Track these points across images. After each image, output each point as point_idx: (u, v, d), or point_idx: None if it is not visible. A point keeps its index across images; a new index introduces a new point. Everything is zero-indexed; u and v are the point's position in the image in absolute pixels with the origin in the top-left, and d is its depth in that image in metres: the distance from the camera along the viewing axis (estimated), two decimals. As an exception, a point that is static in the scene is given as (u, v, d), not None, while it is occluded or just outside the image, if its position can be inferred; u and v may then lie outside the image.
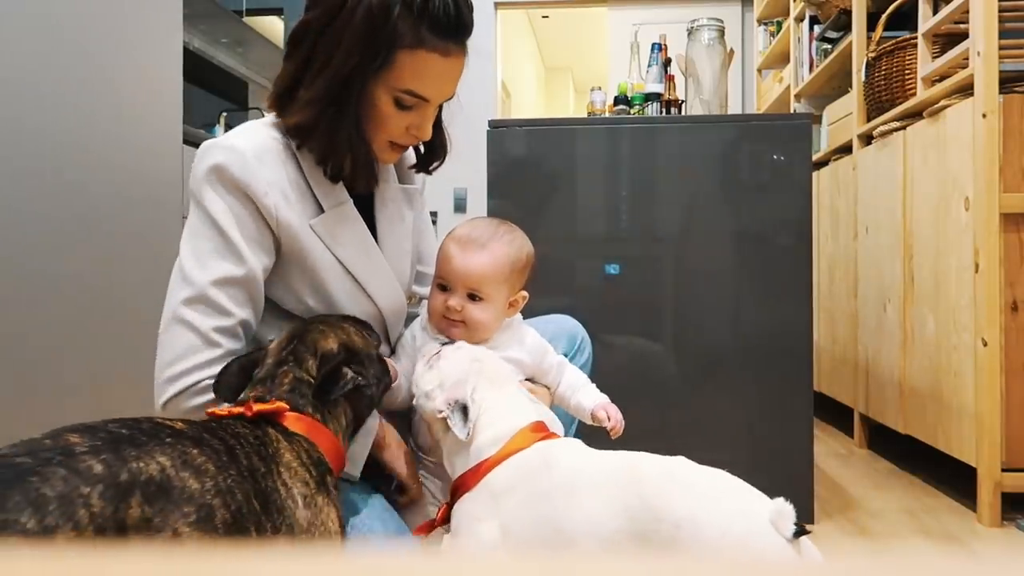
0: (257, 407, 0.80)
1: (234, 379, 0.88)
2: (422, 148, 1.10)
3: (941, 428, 1.93)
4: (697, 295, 1.83)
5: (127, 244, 1.72)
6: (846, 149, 2.67)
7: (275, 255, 0.98)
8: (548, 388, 1.14)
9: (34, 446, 0.60)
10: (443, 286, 1.08)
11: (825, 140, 2.95)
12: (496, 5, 4.49)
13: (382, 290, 1.06)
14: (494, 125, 1.88)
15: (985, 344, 1.73)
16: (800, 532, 0.72)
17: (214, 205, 0.92)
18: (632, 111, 2.39)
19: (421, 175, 1.18)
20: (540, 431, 0.90)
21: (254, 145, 0.95)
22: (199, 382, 0.89)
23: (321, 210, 1.00)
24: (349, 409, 0.90)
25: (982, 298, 1.74)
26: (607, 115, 2.61)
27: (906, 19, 2.22)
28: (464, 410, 0.90)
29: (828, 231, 2.85)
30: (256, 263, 0.94)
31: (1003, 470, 1.72)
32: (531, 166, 1.89)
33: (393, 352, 1.13)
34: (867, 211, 2.44)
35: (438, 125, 1.07)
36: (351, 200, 1.03)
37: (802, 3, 3.25)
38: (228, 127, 2.84)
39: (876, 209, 2.36)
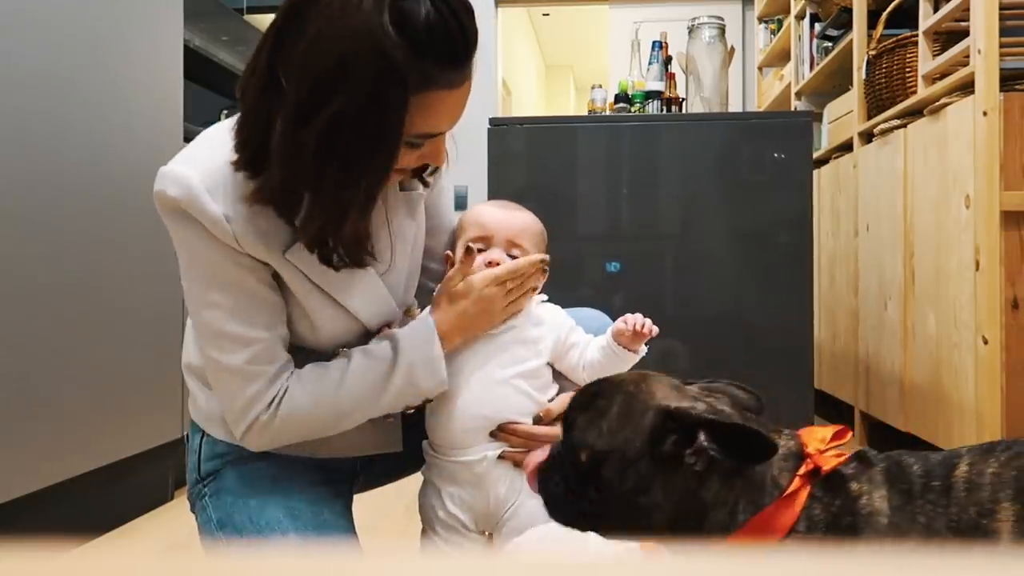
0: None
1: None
2: None
3: (942, 425, 1.93)
4: (698, 293, 1.83)
5: (128, 242, 1.72)
6: (847, 147, 2.67)
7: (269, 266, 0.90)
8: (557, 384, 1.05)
9: None
10: (479, 248, 0.98)
11: (826, 138, 2.95)
12: (497, 3, 4.49)
13: (371, 308, 0.97)
14: (495, 123, 1.89)
15: (986, 342, 1.73)
16: None
17: (189, 239, 0.86)
18: (633, 109, 2.39)
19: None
20: None
21: (208, 173, 0.84)
22: (257, 417, 0.89)
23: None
24: None
25: (983, 296, 1.74)
26: (608, 113, 2.61)
27: (907, 17, 2.22)
28: None
29: (829, 229, 2.85)
30: (255, 283, 0.88)
31: (1003, 468, 1.72)
32: (532, 164, 1.89)
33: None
34: (868, 209, 2.44)
35: None
36: None
37: (803, 1, 3.25)
38: (229, 125, 2.83)
39: (877, 207, 2.36)
